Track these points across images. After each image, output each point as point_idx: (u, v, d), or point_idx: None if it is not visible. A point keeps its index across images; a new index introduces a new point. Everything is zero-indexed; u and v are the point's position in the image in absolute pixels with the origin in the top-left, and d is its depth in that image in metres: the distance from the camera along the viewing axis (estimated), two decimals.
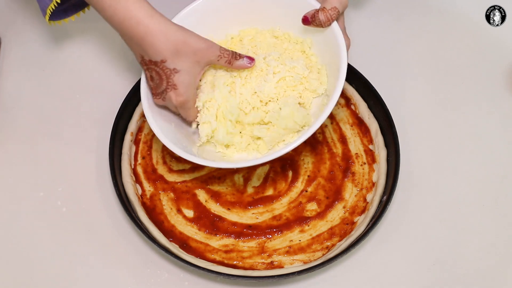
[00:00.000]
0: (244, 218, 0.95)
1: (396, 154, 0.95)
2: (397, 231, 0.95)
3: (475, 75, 1.10)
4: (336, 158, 1.00)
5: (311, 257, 0.91)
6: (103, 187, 0.98)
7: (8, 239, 0.94)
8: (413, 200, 0.98)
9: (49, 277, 0.91)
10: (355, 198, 0.96)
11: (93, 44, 1.13)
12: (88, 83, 1.08)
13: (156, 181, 0.97)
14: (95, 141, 1.02)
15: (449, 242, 0.95)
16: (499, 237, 0.95)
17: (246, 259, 0.91)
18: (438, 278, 0.92)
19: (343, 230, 0.94)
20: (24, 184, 0.99)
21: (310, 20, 0.85)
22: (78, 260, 0.93)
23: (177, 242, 0.92)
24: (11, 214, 0.96)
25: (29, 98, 1.07)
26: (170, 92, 0.82)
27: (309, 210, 0.95)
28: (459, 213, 0.97)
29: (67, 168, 1.00)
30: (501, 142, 1.04)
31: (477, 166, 1.02)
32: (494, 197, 0.99)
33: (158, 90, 0.82)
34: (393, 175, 0.94)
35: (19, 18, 1.15)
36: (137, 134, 1.01)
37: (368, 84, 1.01)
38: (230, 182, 0.97)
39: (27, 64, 1.10)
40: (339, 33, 0.85)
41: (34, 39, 1.13)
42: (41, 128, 1.04)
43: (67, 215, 0.96)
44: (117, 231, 0.95)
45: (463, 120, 1.06)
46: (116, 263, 0.92)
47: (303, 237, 0.93)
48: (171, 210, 0.95)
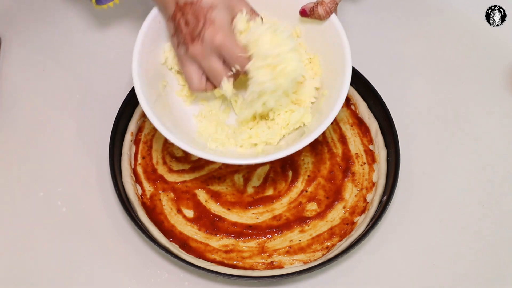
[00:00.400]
0: (244, 218, 0.95)
1: (396, 154, 0.95)
2: (397, 231, 0.95)
3: (475, 75, 1.10)
4: (336, 158, 1.00)
5: (311, 257, 0.91)
6: (103, 187, 0.98)
7: (8, 239, 0.94)
8: (413, 200, 0.98)
9: (49, 277, 0.91)
10: (355, 198, 0.96)
11: (93, 44, 1.13)
12: (88, 83, 1.08)
13: (156, 181, 0.97)
14: (95, 141, 1.02)
15: (449, 242, 0.95)
16: (499, 238, 0.95)
17: (246, 259, 0.91)
18: (438, 278, 0.92)
19: (343, 230, 0.94)
20: (24, 184, 0.99)
21: (308, 13, 0.85)
22: (78, 260, 0.93)
23: (177, 242, 0.92)
24: (11, 214, 0.96)
25: (29, 98, 1.07)
26: (208, 29, 0.78)
27: (309, 210, 0.95)
28: (459, 213, 0.97)
29: (67, 168, 1.00)
30: (501, 142, 1.04)
31: (477, 166, 1.02)
32: (494, 197, 0.99)
33: (195, 32, 0.79)
34: (393, 175, 0.94)
35: (19, 18, 1.15)
36: (137, 134, 1.01)
37: (368, 84, 1.01)
38: (230, 182, 0.97)
39: (27, 64, 1.10)
40: (339, 26, 0.84)
41: (34, 39, 1.13)
42: (41, 128, 1.04)
43: (67, 215, 0.96)
44: (117, 231, 0.95)
45: (463, 120, 1.06)
46: (116, 263, 0.92)
47: (303, 237, 0.93)
48: (171, 210, 0.95)
